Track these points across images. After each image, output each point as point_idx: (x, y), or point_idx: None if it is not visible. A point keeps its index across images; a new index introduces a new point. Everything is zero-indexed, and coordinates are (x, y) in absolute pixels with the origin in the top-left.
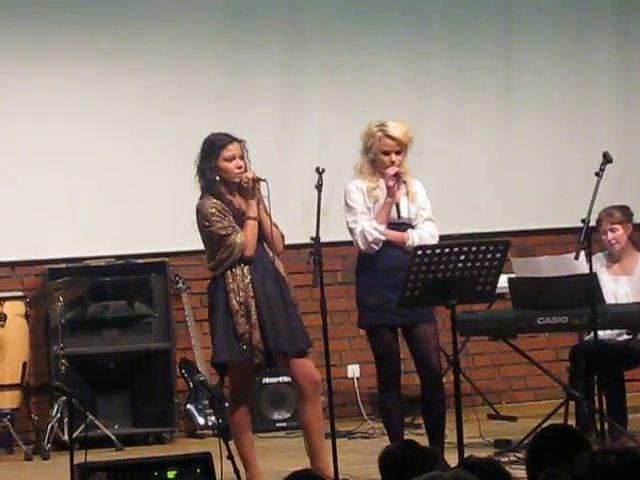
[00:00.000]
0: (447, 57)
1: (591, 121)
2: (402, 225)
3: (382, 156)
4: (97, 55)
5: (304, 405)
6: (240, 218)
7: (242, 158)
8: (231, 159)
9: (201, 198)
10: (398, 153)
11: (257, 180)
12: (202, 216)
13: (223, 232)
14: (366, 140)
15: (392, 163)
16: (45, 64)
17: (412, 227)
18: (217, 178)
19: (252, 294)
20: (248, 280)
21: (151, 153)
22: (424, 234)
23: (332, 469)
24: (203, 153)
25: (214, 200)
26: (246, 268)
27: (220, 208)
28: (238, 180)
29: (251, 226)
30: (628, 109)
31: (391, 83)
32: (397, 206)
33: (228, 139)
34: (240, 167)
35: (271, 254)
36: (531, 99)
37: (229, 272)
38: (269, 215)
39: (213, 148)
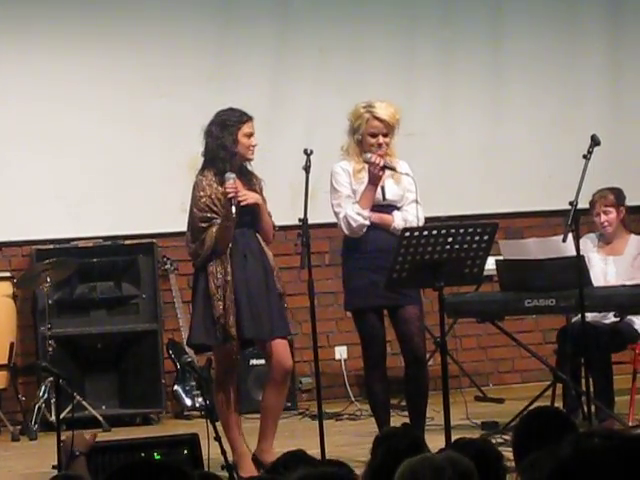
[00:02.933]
0: (436, 39)
1: (579, 104)
2: (388, 207)
3: (369, 138)
4: (87, 38)
5: (270, 388)
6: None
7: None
8: (250, 136)
9: (202, 170)
10: (385, 135)
11: (232, 198)
12: (193, 194)
13: (200, 224)
14: (353, 121)
15: (379, 145)
16: (34, 47)
17: (398, 209)
18: (237, 150)
19: (230, 278)
20: (228, 264)
21: (140, 135)
22: (409, 216)
23: (273, 452)
24: (222, 125)
25: (210, 182)
26: (228, 252)
27: (213, 193)
28: (251, 158)
29: (222, 229)
30: (616, 92)
31: (380, 65)
32: (382, 188)
33: (247, 116)
34: (255, 146)
35: (261, 241)
36: (519, 82)
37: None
38: (264, 200)
39: (234, 121)
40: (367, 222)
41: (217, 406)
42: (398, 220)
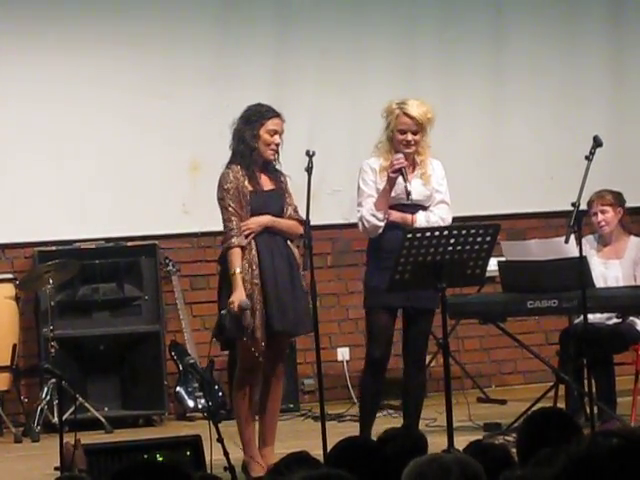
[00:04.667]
0: (438, 41)
1: (581, 105)
2: (413, 207)
3: (398, 134)
4: (87, 39)
5: (274, 388)
6: (260, 195)
7: (281, 135)
8: (273, 133)
9: (229, 164)
10: (415, 133)
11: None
12: (220, 186)
13: (228, 224)
14: (386, 117)
15: (408, 143)
16: (37, 48)
17: (425, 208)
18: (256, 146)
19: (257, 281)
20: (257, 267)
21: (142, 136)
22: (432, 217)
23: (273, 458)
24: (247, 119)
25: (236, 174)
26: (253, 255)
27: (240, 184)
28: (270, 158)
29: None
30: (618, 92)
31: (382, 66)
32: (407, 188)
33: (274, 112)
34: (277, 144)
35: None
36: (521, 82)
37: None
38: (290, 194)
39: (259, 117)
40: (381, 224)
41: (235, 404)
42: (421, 220)
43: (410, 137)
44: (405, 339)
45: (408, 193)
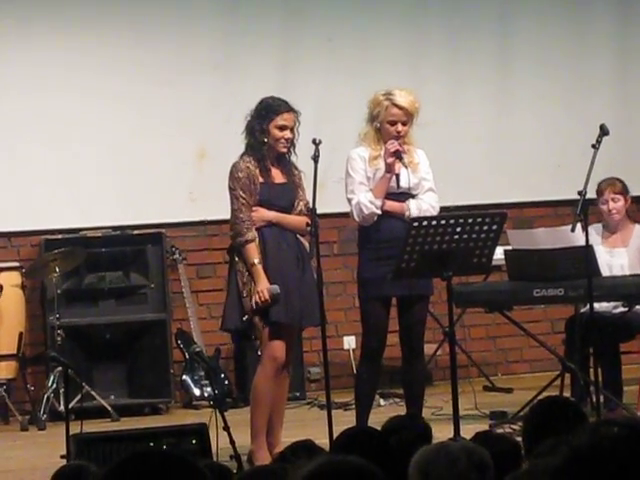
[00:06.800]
0: (445, 29)
1: (588, 93)
2: (402, 195)
3: (388, 126)
4: (93, 26)
5: (282, 379)
6: (271, 187)
7: (292, 130)
8: (283, 128)
9: (242, 155)
10: (404, 123)
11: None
12: (231, 175)
13: (239, 215)
14: (372, 108)
15: (398, 133)
16: (42, 35)
17: (412, 197)
18: (265, 140)
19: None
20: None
21: (148, 124)
22: (423, 205)
23: (280, 446)
24: (258, 113)
25: (248, 164)
26: (260, 247)
27: (251, 174)
28: (282, 151)
29: (251, 249)
30: (625, 81)
31: (389, 54)
32: (397, 176)
33: (286, 107)
34: (288, 139)
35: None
36: (528, 71)
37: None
38: (303, 189)
39: (269, 111)
40: (378, 211)
41: (257, 391)
42: (413, 208)
43: (400, 128)
44: (401, 327)
45: (398, 179)
